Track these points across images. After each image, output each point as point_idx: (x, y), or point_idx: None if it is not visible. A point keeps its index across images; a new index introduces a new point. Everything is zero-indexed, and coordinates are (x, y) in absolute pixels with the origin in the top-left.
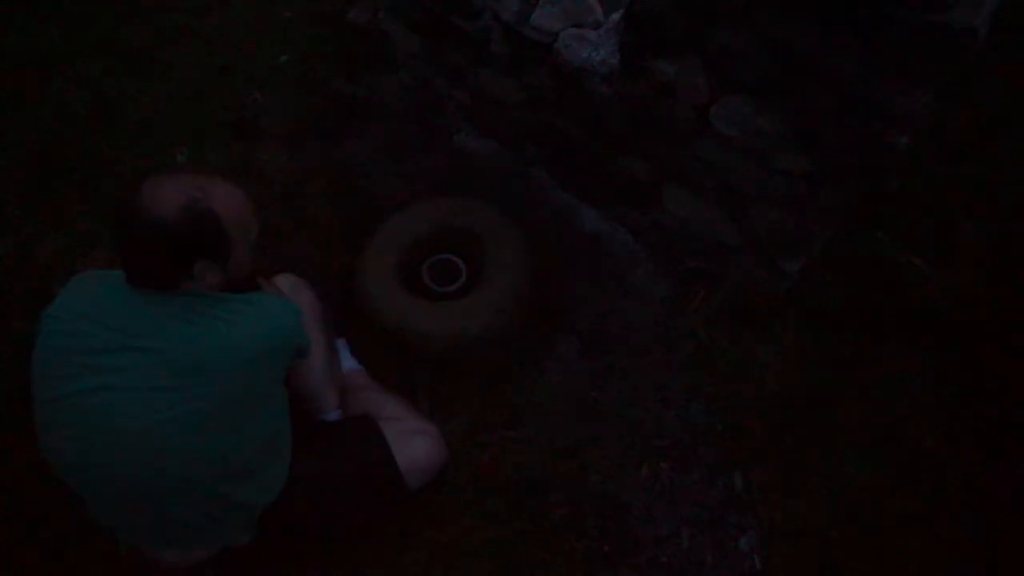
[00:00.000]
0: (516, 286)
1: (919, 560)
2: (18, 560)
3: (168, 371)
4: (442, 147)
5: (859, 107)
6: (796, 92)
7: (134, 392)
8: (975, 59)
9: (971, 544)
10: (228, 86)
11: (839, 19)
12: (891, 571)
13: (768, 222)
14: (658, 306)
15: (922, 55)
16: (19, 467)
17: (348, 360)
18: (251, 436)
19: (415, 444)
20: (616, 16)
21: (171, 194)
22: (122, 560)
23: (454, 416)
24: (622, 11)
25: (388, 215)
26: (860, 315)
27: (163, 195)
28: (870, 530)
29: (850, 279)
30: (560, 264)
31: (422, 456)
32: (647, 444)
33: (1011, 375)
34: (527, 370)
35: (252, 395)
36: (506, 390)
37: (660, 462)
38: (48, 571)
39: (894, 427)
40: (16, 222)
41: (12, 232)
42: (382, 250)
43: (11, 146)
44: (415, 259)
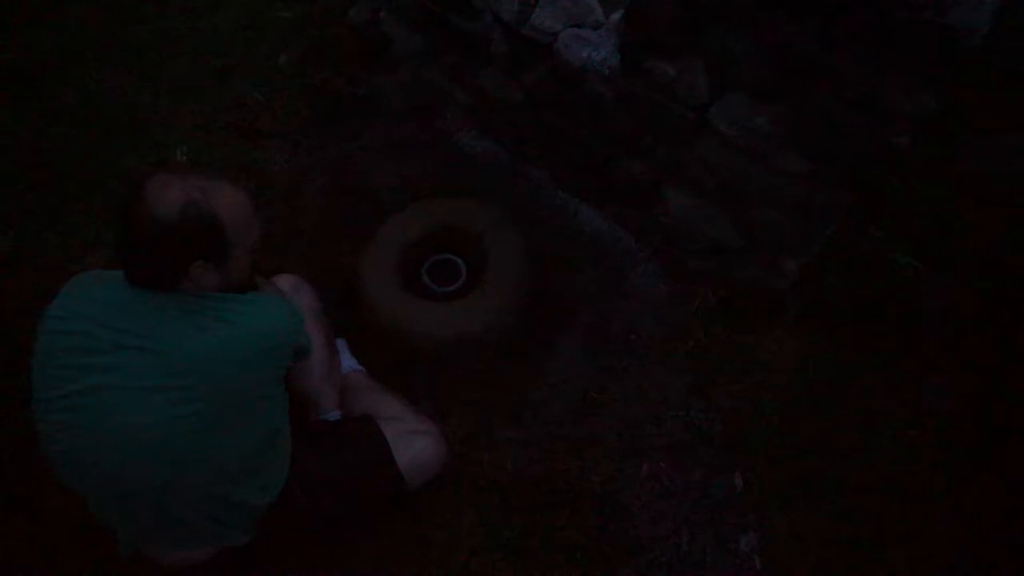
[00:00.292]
0: (516, 286)
1: (919, 560)
2: (18, 560)
3: (167, 371)
4: (442, 147)
5: (859, 107)
6: (796, 92)
7: (133, 392)
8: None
9: (969, 544)
10: (228, 86)
11: (839, 19)
12: (891, 571)
13: (768, 222)
14: (658, 306)
15: (922, 55)
16: (19, 467)
17: (348, 360)
18: (251, 436)
19: (415, 444)
20: (616, 16)
21: (173, 194)
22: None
23: (454, 416)
24: (622, 11)
25: (388, 215)
26: (860, 315)
27: (165, 195)
28: (869, 530)
29: (850, 279)
30: (560, 264)
31: (422, 456)
32: (647, 444)
33: (1010, 375)
34: (527, 370)
35: (251, 395)
36: (506, 390)
37: (660, 462)
38: (48, 571)
39: (893, 427)
40: (16, 222)
41: (12, 232)
42: (382, 250)
43: (11, 146)
44: (415, 259)
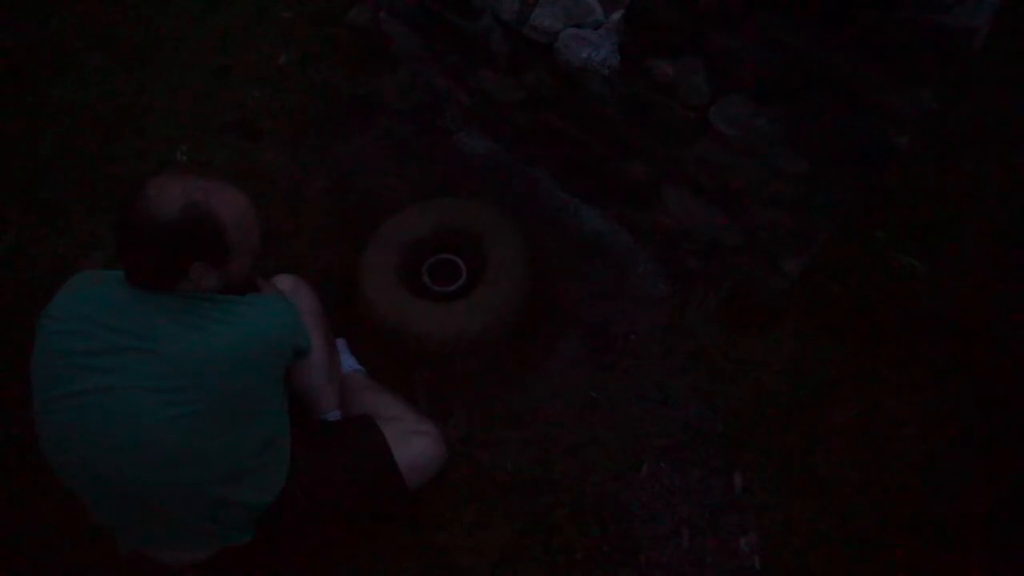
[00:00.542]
0: (516, 286)
1: (919, 560)
2: (17, 560)
3: (166, 372)
4: (442, 147)
5: (859, 107)
6: (796, 92)
7: (133, 393)
8: (975, 59)
9: (970, 544)
10: (228, 86)
11: (839, 19)
12: (891, 571)
13: (768, 222)
14: (658, 306)
15: (922, 55)
16: (18, 467)
17: (348, 360)
18: (250, 436)
19: (415, 444)
20: (616, 16)
21: (174, 194)
22: (122, 561)
23: (454, 416)
24: (622, 11)
25: (388, 215)
26: (859, 315)
27: (166, 195)
28: (869, 530)
29: (850, 279)
30: (560, 264)
31: (422, 456)
32: (647, 444)
33: (1010, 376)
34: (527, 370)
35: (251, 395)
36: (506, 390)
37: (660, 462)
38: (48, 571)
39: (893, 427)
40: (16, 222)
41: (12, 232)
42: (382, 250)
43: (11, 146)
44: (415, 259)
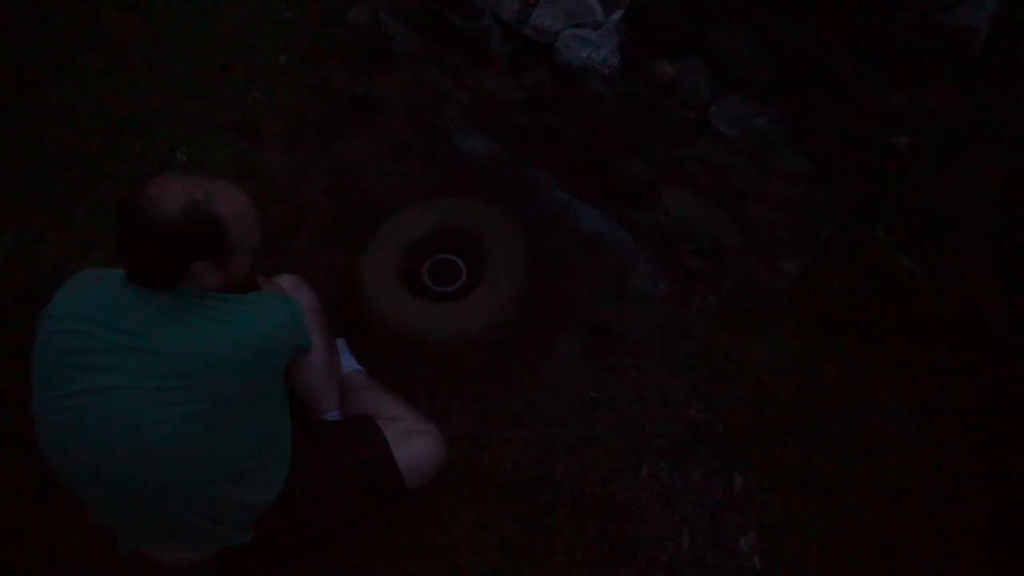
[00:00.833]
0: (516, 286)
1: (919, 560)
2: (19, 560)
3: (167, 371)
4: (442, 147)
5: (859, 107)
6: (796, 92)
7: (133, 393)
8: (975, 59)
9: (970, 544)
10: (228, 86)
11: (839, 19)
12: (891, 572)
13: (768, 222)
14: (658, 306)
15: (922, 55)
16: (19, 466)
17: (348, 360)
18: (250, 436)
19: (415, 444)
20: (616, 16)
21: (175, 194)
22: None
23: (454, 416)
24: (622, 11)
25: (388, 215)
26: (859, 315)
27: (167, 194)
28: (869, 530)
29: (850, 279)
30: (560, 264)
31: (422, 456)
32: (647, 444)
33: (1010, 376)
34: (527, 370)
35: (251, 395)
36: (506, 390)
37: (660, 462)
38: (48, 571)
39: (893, 427)
40: (16, 222)
41: (12, 232)
42: (382, 250)
43: (11, 146)
44: (415, 259)
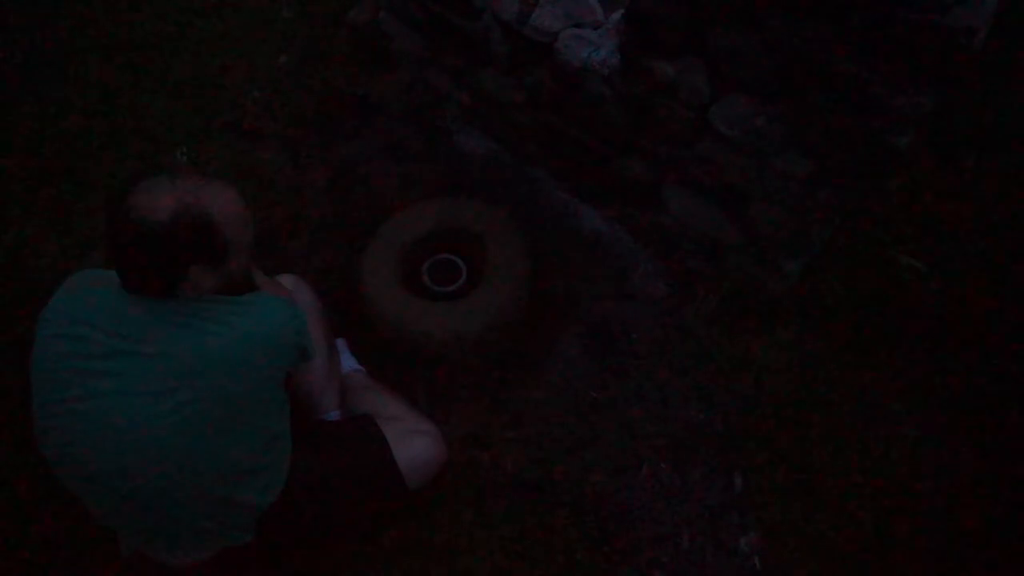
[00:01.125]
0: (516, 286)
1: (919, 561)
2: (17, 561)
3: (165, 376)
4: (442, 147)
5: (859, 107)
6: (796, 92)
7: (131, 397)
8: (975, 59)
9: (971, 544)
10: (228, 86)
11: (839, 19)
12: (891, 571)
13: (768, 222)
14: (658, 306)
15: (922, 55)
16: (19, 467)
17: (348, 360)
18: (250, 438)
19: (415, 444)
20: (616, 16)
21: (164, 199)
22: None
23: (454, 416)
24: (622, 11)
25: (388, 215)
26: (859, 315)
27: (155, 201)
28: (870, 531)
29: (850, 279)
30: (560, 264)
31: (422, 456)
32: (647, 444)
33: (1011, 376)
34: (527, 370)
35: (251, 398)
36: (506, 390)
37: (660, 462)
38: (50, 571)
39: (893, 427)
40: (16, 222)
41: (12, 232)
42: (382, 250)
43: (11, 146)
44: (415, 259)
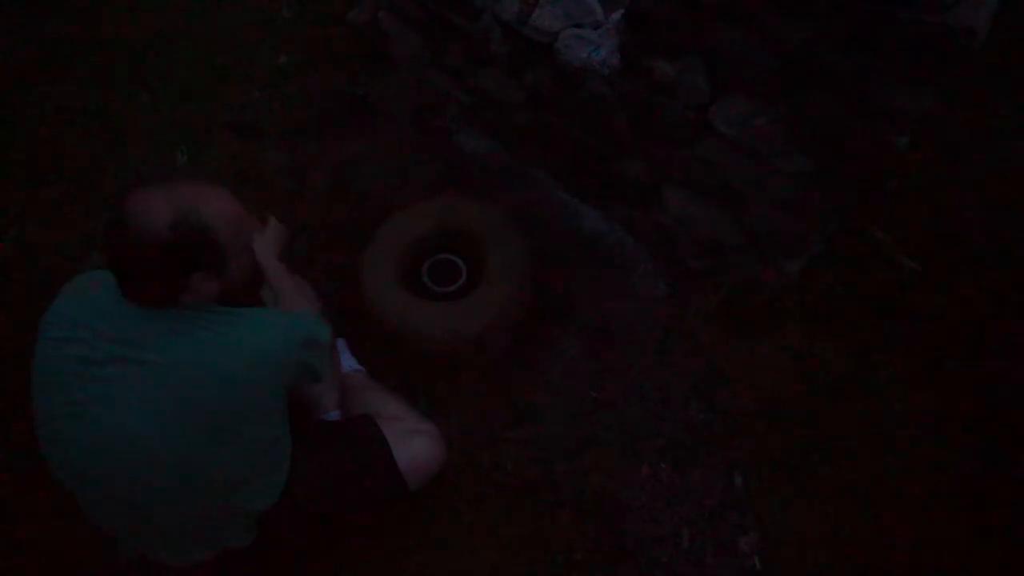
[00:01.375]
0: (516, 286)
1: (919, 561)
2: (17, 561)
3: (163, 384)
4: (442, 147)
5: (859, 107)
6: (796, 92)
7: (132, 405)
8: (975, 59)
9: (971, 544)
10: (228, 86)
11: (839, 19)
12: (891, 572)
13: (768, 222)
14: (658, 306)
15: (922, 55)
16: (20, 467)
17: (348, 360)
18: (250, 446)
19: (415, 444)
20: (616, 16)
21: (159, 211)
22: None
23: (454, 416)
24: (622, 11)
25: (388, 215)
26: (859, 315)
27: (151, 213)
28: (870, 531)
29: (850, 279)
30: (560, 264)
31: (422, 456)
32: (647, 444)
33: (1010, 376)
34: (527, 370)
35: (250, 407)
36: (506, 390)
37: (660, 462)
38: (51, 571)
39: (893, 427)
40: (16, 222)
41: (12, 232)
42: (382, 250)
43: (11, 146)
44: (415, 259)
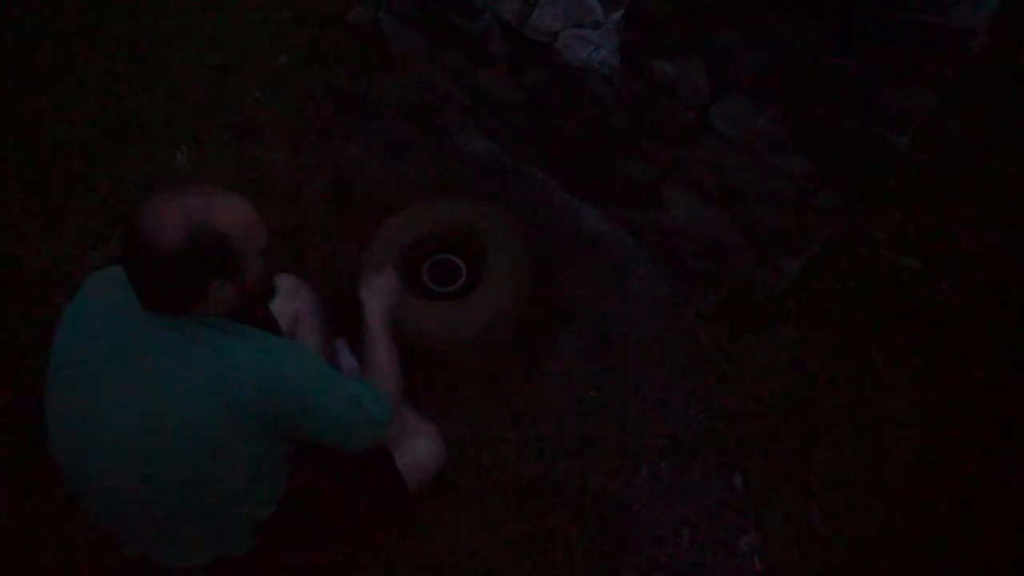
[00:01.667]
0: (516, 286)
1: (919, 560)
2: (18, 562)
3: (164, 395)
4: (442, 147)
5: (859, 107)
6: (796, 92)
7: (129, 411)
8: (975, 59)
9: (970, 544)
10: (228, 86)
11: (839, 19)
12: (891, 571)
13: (768, 222)
14: (658, 306)
15: (922, 55)
16: (20, 467)
17: (348, 360)
18: (248, 461)
19: (415, 444)
20: (616, 16)
21: (175, 221)
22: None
23: (454, 416)
24: (622, 11)
25: (388, 215)
26: (859, 315)
27: (166, 224)
28: (869, 530)
29: (850, 279)
30: (560, 264)
31: (422, 456)
32: (647, 444)
33: (1011, 376)
34: (527, 370)
35: (249, 426)
36: (506, 390)
37: (660, 462)
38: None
39: (893, 427)
40: (16, 222)
41: (12, 232)
42: (382, 250)
43: (11, 146)
44: (415, 259)
